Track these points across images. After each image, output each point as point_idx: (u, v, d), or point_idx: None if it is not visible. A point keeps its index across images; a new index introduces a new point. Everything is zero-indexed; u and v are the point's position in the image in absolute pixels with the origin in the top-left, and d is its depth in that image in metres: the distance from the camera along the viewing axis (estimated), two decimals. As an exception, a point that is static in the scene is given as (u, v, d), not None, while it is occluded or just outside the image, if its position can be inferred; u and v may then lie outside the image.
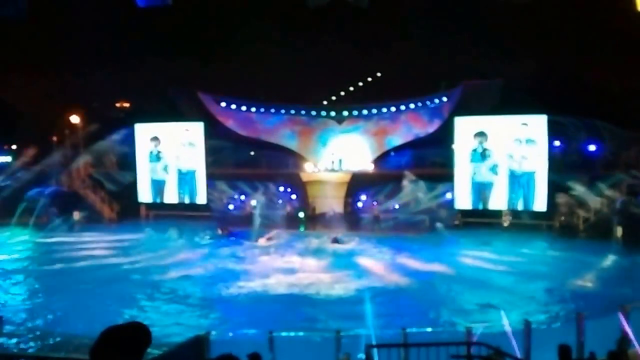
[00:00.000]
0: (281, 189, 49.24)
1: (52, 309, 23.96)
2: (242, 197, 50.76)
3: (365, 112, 54.13)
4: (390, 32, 51.68)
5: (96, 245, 37.86)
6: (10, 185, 46.09)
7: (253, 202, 47.11)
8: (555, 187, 41.01)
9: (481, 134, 43.41)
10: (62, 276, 29.34)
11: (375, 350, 13.26)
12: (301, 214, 47.71)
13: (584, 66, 46.82)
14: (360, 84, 58.97)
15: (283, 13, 51.32)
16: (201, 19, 53.35)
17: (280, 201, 48.26)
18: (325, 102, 56.89)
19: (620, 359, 10.52)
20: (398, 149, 54.29)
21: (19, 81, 51.17)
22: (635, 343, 15.45)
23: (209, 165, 48.75)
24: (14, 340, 19.58)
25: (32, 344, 19.22)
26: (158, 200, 50.22)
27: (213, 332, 16.25)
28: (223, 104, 54.49)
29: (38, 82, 52.13)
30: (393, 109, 53.22)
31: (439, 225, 42.07)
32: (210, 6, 52.87)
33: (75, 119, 55.37)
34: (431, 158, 49.47)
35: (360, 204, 48.95)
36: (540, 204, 41.84)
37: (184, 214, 49.11)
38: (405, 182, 44.28)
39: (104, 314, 20.75)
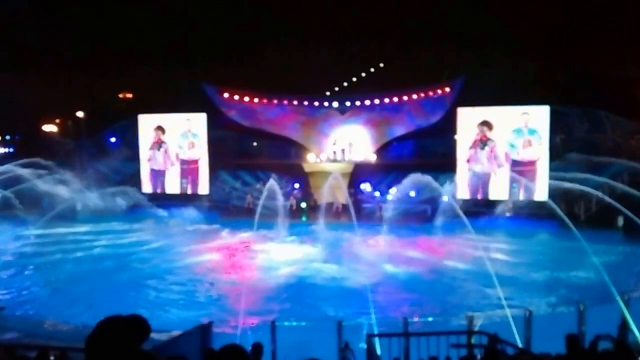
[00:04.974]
0: (283, 179, 49.24)
1: (54, 298, 24.09)
2: (245, 188, 50.86)
3: (367, 102, 53.97)
4: (392, 22, 51.68)
5: (99, 235, 37.94)
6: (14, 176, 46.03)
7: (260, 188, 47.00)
8: (557, 177, 41.00)
9: (484, 124, 43.38)
10: (65, 266, 29.43)
11: (376, 340, 13.33)
12: (303, 205, 47.77)
13: (588, 56, 46.76)
14: (363, 74, 58.85)
15: (286, 4, 51.35)
16: (202, 10, 53.37)
17: (282, 192, 48.27)
18: (327, 93, 56.78)
19: (624, 347, 10.56)
20: (400, 139, 54.24)
21: (21, 73, 51.19)
22: (636, 331, 15.53)
23: (211, 155, 48.72)
24: (15, 330, 19.67)
25: (32, 333, 19.30)
26: (160, 191, 50.17)
27: (216, 321, 16.35)
28: (226, 95, 54.42)
29: (40, 74, 52.16)
30: (395, 99, 53.05)
31: (440, 214, 42.06)
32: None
33: (77, 109, 55.44)
34: (433, 148, 49.43)
35: (362, 194, 49.00)
36: (541, 194, 41.82)
37: (186, 204, 49.15)
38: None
39: (106, 303, 20.83)
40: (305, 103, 54.62)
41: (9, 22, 51.97)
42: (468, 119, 43.89)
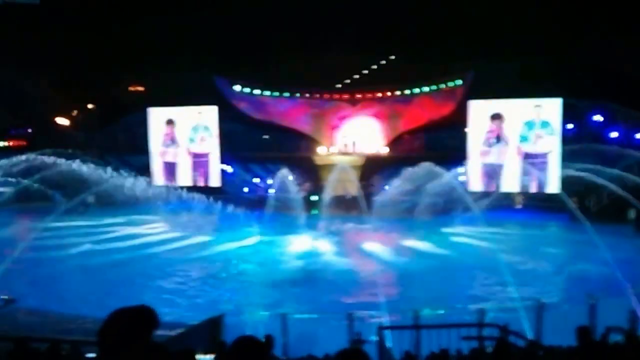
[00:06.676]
0: (294, 172, 49.21)
1: (66, 291, 24.16)
2: (256, 181, 50.97)
3: (378, 95, 53.95)
4: (404, 14, 51.43)
5: (110, 228, 38.07)
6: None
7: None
8: (568, 169, 40.87)
9: (496, 117, 43.28)
10: (77, 258, 29.49)
11: (387, 332, 13.37)
12: (314, 197, 47.76)
13: (600, 49, 46.51)
14: (374, 67, 58.64)
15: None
16: (213, 3, 53.30)
17: (293, 184, 48.18)
18: (339, 85, 56.70)
19: (635, 340, 10.56)
20: (411, 132, 54.18)
21: (32, 65, 51.30)
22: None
23: (222, 148, 48.75)
24: (27, 323, 19.79)
25: (44, 326, 19.40)
26: (172, 183, 50.18)
27: (227, 314, 16.40)
28: (237, 88, 54.45)
29: (51, 66, 52.28)
30: (407, 92, 53.03)
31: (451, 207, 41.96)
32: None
33: (89, 103, 55.60)
34: (445, 141, 49.28)
35: (373, 187, 48.92)
36: (553, 186, 41.72)
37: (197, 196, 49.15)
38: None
39: (118, 296, 20.92)
40: (316, 96, 54.62)
41: (21, 16, 52.15)
42: (479, 111, 43.82)
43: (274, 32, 50.83)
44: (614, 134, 46.16)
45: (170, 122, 49.45)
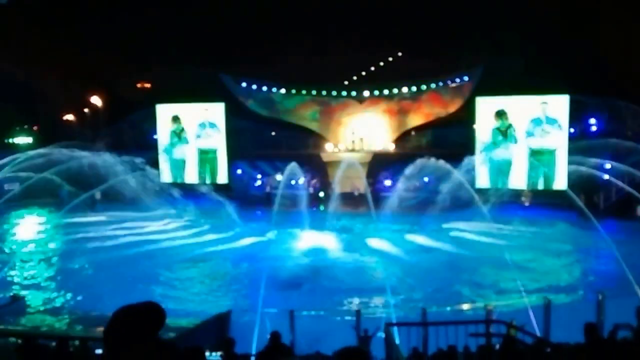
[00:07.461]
0: (302, 169, 49.15)
1: (73, 288, 24.21)
2: (263, 177, 50.98)
3: (386, 91, 53.84)
4: (411, 10, 51.28)
5: (119, 225, 38.10)
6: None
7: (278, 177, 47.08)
8: (576, 166, 40.75)
9: (502, 113, 43.15)
10: (85, 255, 29.53)
11: (395, 329, 13.37)
12: (321, 194, 47.75)
13: (608, 45, 46.30)
14: (381, 63, 58.47)
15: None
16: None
17: (300, 181, 48.14)
18: (346, 82, 56.58)
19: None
20: (419, 128, 54.09)
21: (39, 62, 51.33)
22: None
23: (229, 145, 48.69)
24: (36, 320, 19.85)
25: (53, 323, 19.45)
26: (179, 180, 50.15)
27: (234, 311, 16.43)
28: (244, 84, 54.44)
29: (58, 63, 52.27)
30: (414, 88, 52.94)
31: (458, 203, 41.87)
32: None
33: (96, 99, 55.66)
34: (452, 138, 49.15)
35: (381, 184, 48.88)
36: (560, 183, 41.59)
37: (205, 193, 49.18)
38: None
39: (125, 293, 20.94)
40: (324, 92, 54.56)
41: (27, 13, 52.22)
42: (487, 108, 43.70)
43: (280, 29, 50.74)
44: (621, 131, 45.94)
45: (176, 119, 49.43)
